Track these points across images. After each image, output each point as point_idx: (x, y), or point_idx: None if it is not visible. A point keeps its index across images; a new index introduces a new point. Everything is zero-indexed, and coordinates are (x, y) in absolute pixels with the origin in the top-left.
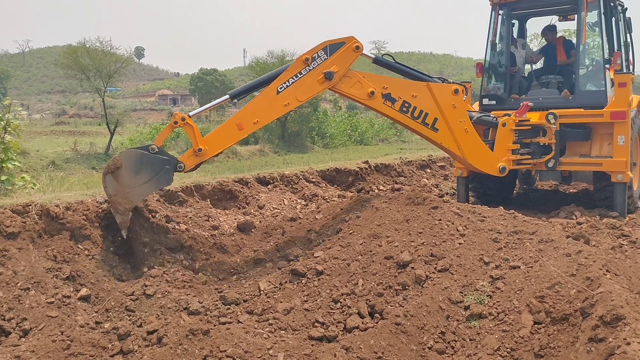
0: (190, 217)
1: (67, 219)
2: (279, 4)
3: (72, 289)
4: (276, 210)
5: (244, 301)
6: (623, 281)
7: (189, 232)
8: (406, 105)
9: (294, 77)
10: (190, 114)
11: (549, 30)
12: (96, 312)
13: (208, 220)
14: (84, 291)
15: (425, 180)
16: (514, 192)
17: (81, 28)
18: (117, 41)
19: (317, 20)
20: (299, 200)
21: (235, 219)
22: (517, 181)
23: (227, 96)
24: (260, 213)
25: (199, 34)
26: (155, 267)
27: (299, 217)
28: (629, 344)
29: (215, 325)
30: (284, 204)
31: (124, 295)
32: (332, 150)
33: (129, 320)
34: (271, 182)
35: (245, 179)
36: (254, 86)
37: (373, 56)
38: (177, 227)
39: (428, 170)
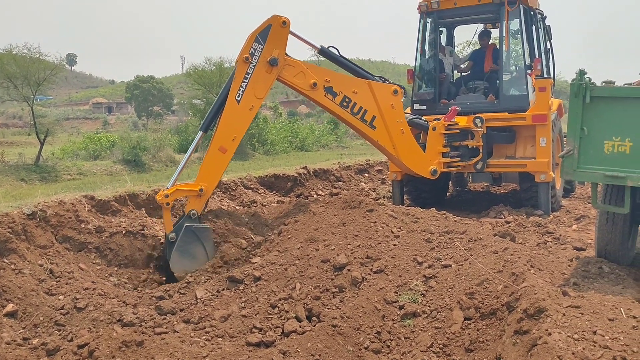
0: (124, 227)
1: None
2: (217, 11)
3: None
4: None
5: (181, 310)
6: (546, 275)
7: (125, 242)
8: (347, 100)
9: (244, 80)
10: (168, 185)
11: (485, 35)
12: (24, 328)
13: (143, 230)
14: (10, 307)
15: (364, 184)
16: (448, 194)
17: (7, 34)
18: (47, 48)
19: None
20: (237, 207)
21: None
22: (450, 183)
23: (200, 132)
24: None
25: (135, 40)
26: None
27: None
28: (550, 334)
29: (150, 336)
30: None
31: (53, 309)
32: (273, 156)
33: (59, 335)
34: None
35: None
36: (217, 110)
37: (319, 46)
38: (111, 237)
39: (366, 174)
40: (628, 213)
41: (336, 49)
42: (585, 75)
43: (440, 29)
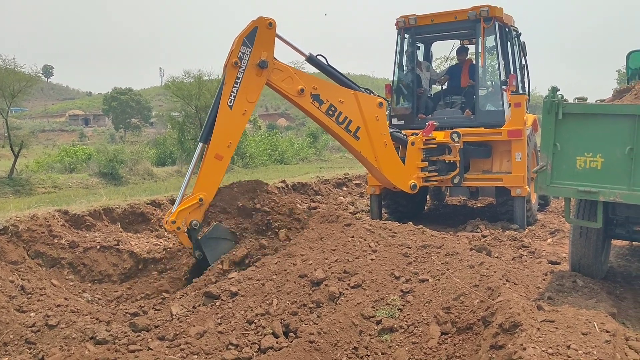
0: (99, 242)
1: None
2: (196, 24)
3: None
4: None
5: (155, 327)
6: (521, 290)
7: (99, 257)
8: (332, 108)
9: (234, 85)
10: (172, 210)
11: (462, 51)
12: None
13: (118, 245)
14: None
15: (342, 198)
16: (425, 207)
17: None
18: (24, 59)
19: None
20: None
21: (147, 242)
22: (428, 197)
23: (200, 143)
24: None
25: (113, 52)
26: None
27: None
28: (524, 349)
29: (123, 354)
30: None
31: (24, 327)
32: (252, 170)
33: (30, 353)
34: None
35: (159, 201)
36: (213, 119)
37: (307, 54)
38: (85, 253)
39: (344, 188)
40: (601, 227)
41: (324, 57)
42: (558, 92)
43: (418, 44)
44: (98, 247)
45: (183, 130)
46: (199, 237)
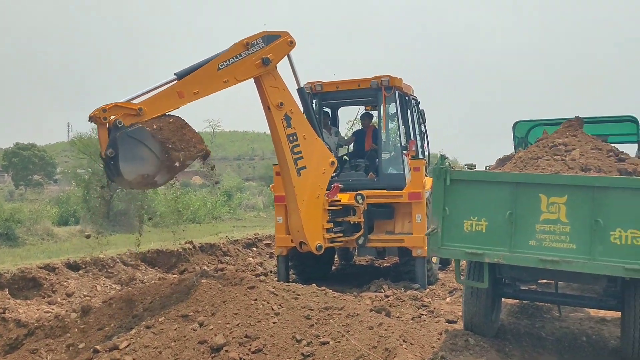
0: None
1: None
2: (104, 79)
3: None
4: (87, 297)
5: None
6: (417, 350)
7: None
8: (294, 137)
9: (234, 57)
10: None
11: (366, 117)
12: None
13: (4, 313)
14: None
15: (251, 259)
16: (333, 267)
17: None
18: None
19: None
20: (114, 286)
21: (38, 310)
22: (335, 257)
23: (175, 76)
24: (69, 302)
25: (16, 105)
26: None
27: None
28: None
29: None
30: (97, 290)
31: None
32: (163, 229)
33: None
34: (83, 267)
35: (53, 265)
36: (198, 67)
37: (301, 86)
38: None
39: (254, 248)
40: (489, 287)
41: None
42: (446, 160)
43: (325, 109)
44: None
45: (89, 188)
46: (119, 134)
